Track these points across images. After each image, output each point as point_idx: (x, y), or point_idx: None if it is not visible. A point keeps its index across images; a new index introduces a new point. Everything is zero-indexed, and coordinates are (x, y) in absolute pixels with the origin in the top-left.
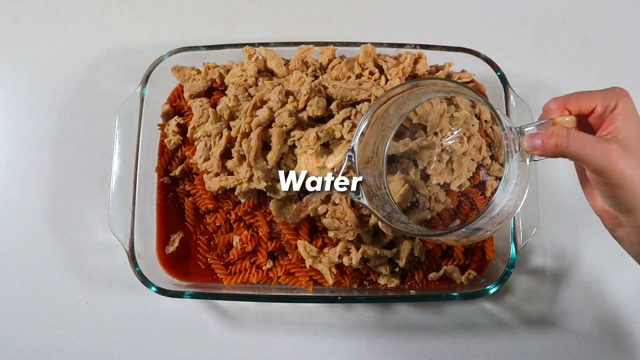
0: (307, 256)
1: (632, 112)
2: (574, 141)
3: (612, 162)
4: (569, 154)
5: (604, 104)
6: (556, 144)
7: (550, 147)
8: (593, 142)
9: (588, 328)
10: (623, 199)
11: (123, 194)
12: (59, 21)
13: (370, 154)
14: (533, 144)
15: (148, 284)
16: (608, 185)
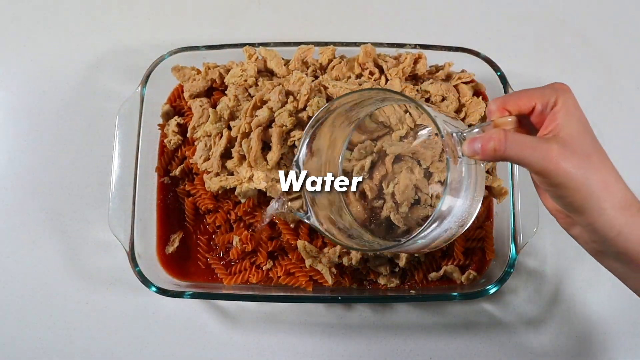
0: (307, 256)
1: (573, 107)
2: (511, 144)
3: (552, 163)
4: (508, 157)
5: (543, 101)
6: (494, 148)
7: (489, 151)
8: (532, 143)
9: (588, 328)
10: (570, 198)
11: (123, 194)
12: (59, 21)
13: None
14: (473, 149)
15: (148, 284)
16: (553, 185)
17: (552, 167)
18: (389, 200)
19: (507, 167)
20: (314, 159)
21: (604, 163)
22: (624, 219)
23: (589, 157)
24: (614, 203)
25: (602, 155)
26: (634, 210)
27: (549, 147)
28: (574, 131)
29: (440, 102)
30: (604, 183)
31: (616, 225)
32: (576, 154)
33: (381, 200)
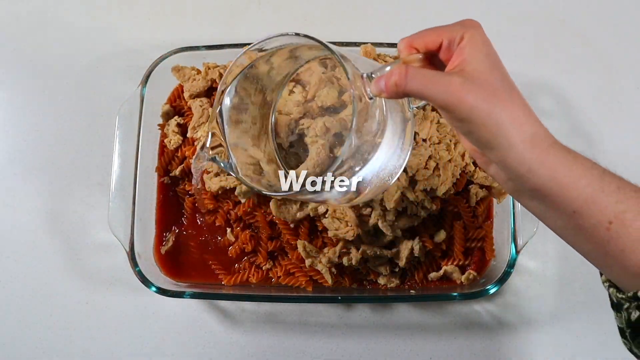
0: (307, 256)
1: (481, 42)
2: (412, 78)
3: (454, 96)
4: (410, 92)
5: (449, 37)
6: (395, 82)
7: (391, 87)
8: (433, 77)
9: (588, 328)
10: (477, 133)
11: (123, 194)
12: (59, 21)
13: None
14: (379, 87)
15: (148, 284)
16: (459, 120)
17: (454, 101)
18: (377, 207)
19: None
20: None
21: (513, 98)
22: (535, 154)
23: (495, 92)
24: (523, 138)
25: (511, 90)
26: (545, 146)
27: (451, 80)
28: (481, 66)
29: None
30: (513, 118)
31: (527, 160)
32: (482, 87)
33: (369, 207)
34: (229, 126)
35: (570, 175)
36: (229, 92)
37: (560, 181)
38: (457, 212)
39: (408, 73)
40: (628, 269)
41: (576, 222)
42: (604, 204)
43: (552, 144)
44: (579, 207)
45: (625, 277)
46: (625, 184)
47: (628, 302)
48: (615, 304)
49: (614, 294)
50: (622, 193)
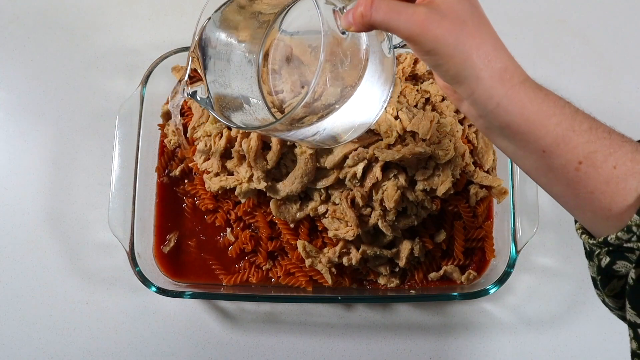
0: (307, 256)
1: None
2: (377, 9)
3: (419, 27)
4: (375, 23)
5: None
6: (361, 13)
7: (357, 18)
8: (399, 7)
9: (588, 328)
10: (445, 66)
11: (123, 194)
12: (59, 21)
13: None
14: (347, 20)
15: (148, 284)
16: (425, 53)
17: (418, 31)
18: (377, 208)
19: (507, 167)
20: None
21: (482, 30)
22: (504, 89)
23: (463, 24)
24: (492, 72)
25: (481, 22)
26: (516, 81)
27: (415, 11)
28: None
29: (440, 102)
30: (481, 50)
31: (495, 96)
32: (448, 18)
33: (369, 208)
34: (210, 60)
35: (540, 112)
36: (210, 25)
37: (529, 118)
38: (457, 212)
39: (373, 3)
40: (597, 212)
41: (546, 162)
42: (573, 143)
43: (523, 81)
44: (548, 146)
45: (596, 222)
46: (597, 125)
47: (599, 248)
48: (588, 252)
49: (586, 240)
50: (593, 133)
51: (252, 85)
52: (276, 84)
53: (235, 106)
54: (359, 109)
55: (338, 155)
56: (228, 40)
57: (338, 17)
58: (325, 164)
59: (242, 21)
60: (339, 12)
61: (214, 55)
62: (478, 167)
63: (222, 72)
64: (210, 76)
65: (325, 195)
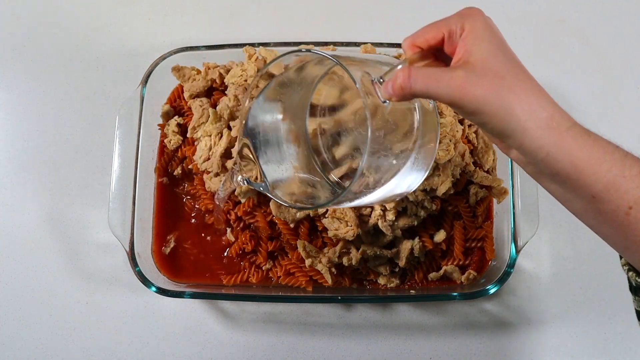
0: (307, 256)
1: (482, 29)
2: (416, 79)
3: (459, 91)
4: (416, 93)
5: (449, 30)
6: (400, 85)
7: (397, 90)
8: (436, 75)
9: (588, 328)
10: (490, 124)
11: (123, 194)
12: (59, 21)
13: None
14: (387, 92)
15: (148, 284)
16: (469, 114)
17: (460, 95)
18: (377, 208)
19: (507, 167)
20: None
21: (522, 81)
22: (552, 138)
23: (502, 79)
24: (538, 122)
25: (519, 74)
26: (563, 129)
27: (453, 76)
28: (484, 53)
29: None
30: (524, 102)
31: (544, 145)
32: (486, 77)
33: (369, 207)
34: (259, 147)
35: (590, 159)
36: (255, 108)
37: (579, 166)
38: (457, 212)
39: (411, 74)
40: None
41: (595, 206)
42: (623, 189)
43: (570, 127)
44: (598, 192)
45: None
46: None
47: None
48: (634, 287)
49: (633, 277)
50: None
51: (302, 159)
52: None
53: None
54: (413, 170)
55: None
56: (274, 120)
57: (377, 88)
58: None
59: (284, 99)
60: (378, 83)
61: (263, 137)
62: (478, 167)
63: (273, 153)
64: (263, 159)
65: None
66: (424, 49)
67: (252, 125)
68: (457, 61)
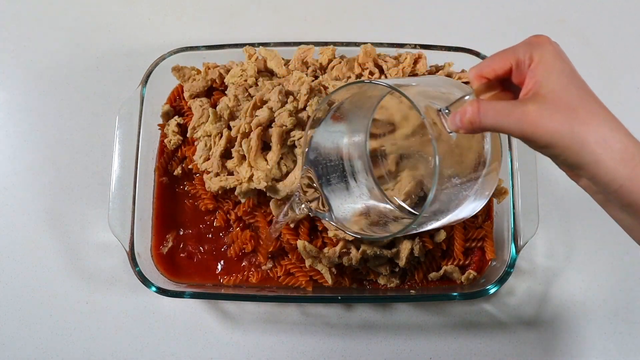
0: (307, 256)
1: (552, 60)
2: (485, 114)
3: (531, 125)
4: (486, 128)
5: (517, 60)
6: (469, 120)
7: (466, 124)
8: (506, 109)
9: (588, 328)
10: (563, 156)
11: (123, 194)
12: (59, 21)
13: (333, 163)
14: (455, 124)
15: (148, 284)
16: (541, 148)
17: (532, 130)
18: None
19: (508, 167)
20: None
21: (595, 114)
22: (626, 171)
23: (575, 111)
24: (612, 154)
25: (592, 105)
26: (638, 161)
27: (525, 110)
28: (555, 86)
29: None
30: (597, 135)
31: (618, 178)
32: (559, 110)
33: None
34: (322, 175)
35: None
36: (316, 138)
37: None
38: None
39: (480, 109)
40: None
41: None
42: None
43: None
44: None
45: None
46: None
47: None
48: None
49: None
50: None
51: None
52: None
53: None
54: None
55: None
56: (335, 147)
57: (444, 119)
58: None
59: (345, 126)
60: (444, 114)
61: (325, 165)
62: None
63: (335, 181)
64: (326, 188)
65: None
66: (491, 79)
67: (314, 155)
68: (527, 93)
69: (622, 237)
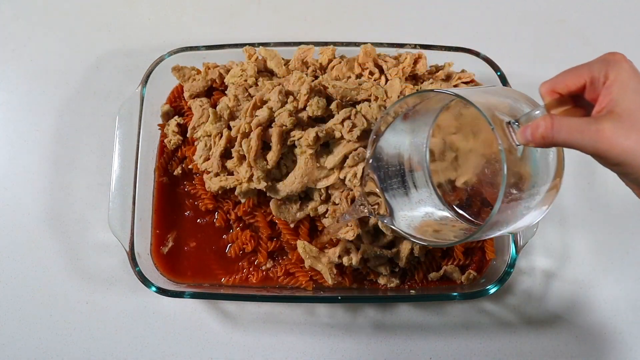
0: (307, 256)
1: (627, 78)
2: (559, 129)
3: (606, 143)
4: (558, 143)
5: (591, 77)
6: (542, 135)
7: (538, 139)
8: (580, 126)
9: (588, 328)
10: (634, 175)
11: (123, 194)
12: (59, 21)
13: (395, 169)
14: (525, 137)
15: (148, 284)
16: (613, 165)
17: (605, 147)
18: None
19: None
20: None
21: None
22: None
23: None
24: None
25: None
26: None
27: (599, 128)
28: (631, 104)
29: None
30: None
31: None
32: (634, 128)
33: None
34: (384, 180)
35: None
36: (379, 148)
37: None
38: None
39: (554, 125)
40: None
41: None
42: None
43: None
44: None
45: None
46: None
47: None
48: None
49: None
50: None
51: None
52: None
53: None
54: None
55: (338, 155)
56: (398, 153)
57: (512, 132)
58: (326, 164)
59: (408, 132)
60: (512, 127)
61: (387, 171)
62: None
63: (397, 186)
64: (388, 193)
65: (325, 195)
66: (563, 94)
67: (377, 160)
68: (600, 110)
69: (622, 237)
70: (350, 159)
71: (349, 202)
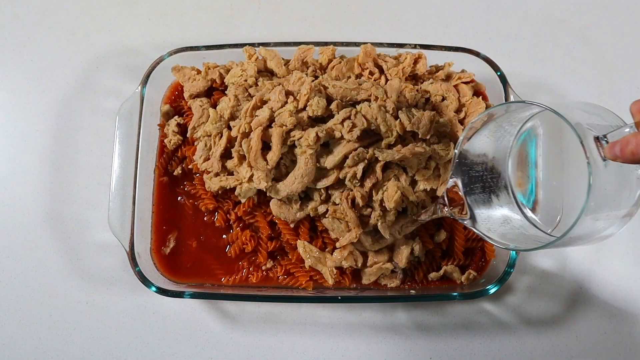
0: (307, 257)
1: None
2: None
3: None
4: None
5: None
6: (632, 152)
7: (627, 155)
8: None
9: (588, 328)
10: None
11: (123, 194)
12: (59, 21)
13: (478, 174)
14: (614, 153)
15: (148, 284)
16: None
17: None
18: (377, 208)
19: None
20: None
21: None
22: None
23: None
24: None
25: None
26: None
27: None
28: None
29: (440, 102)
30: None
31: None
32: None
33: (369, 208)
34: (468, 184)
35: None
36: (464, 152)
37: None
38: None
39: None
40: None
41: None
42: None
43: None
44: None
45: None
46: None
47: None
48: None
49: None
50: None
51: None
52: None
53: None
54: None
55: (338, 155)
56: (483, 160)
57: (600, 147)
58: (326, 164)
59: (493, 140)
60: (600, 142)
61: (471, 175)
62: None
63: (480, 191)
64: (470, 197)
65: (325, 195)
66: None
67: (462, 165)
68: None
69: (622, 236)
70: (350, 159)
71: (349, 202)
